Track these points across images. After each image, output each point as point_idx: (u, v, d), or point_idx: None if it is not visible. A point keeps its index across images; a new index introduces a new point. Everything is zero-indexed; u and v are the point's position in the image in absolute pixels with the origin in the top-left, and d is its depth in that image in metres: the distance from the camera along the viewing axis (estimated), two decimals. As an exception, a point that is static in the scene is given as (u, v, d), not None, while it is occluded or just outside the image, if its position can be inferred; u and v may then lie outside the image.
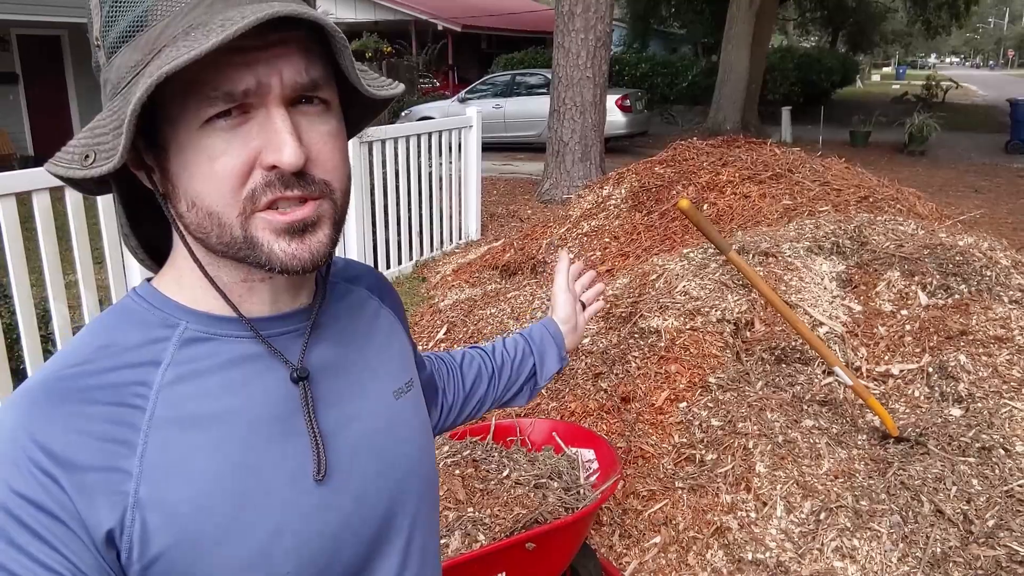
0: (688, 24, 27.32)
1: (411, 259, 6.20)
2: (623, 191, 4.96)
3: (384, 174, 5.76)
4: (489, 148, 7.41)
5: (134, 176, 0.67)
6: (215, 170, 0.60)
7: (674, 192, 4.70)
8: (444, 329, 4.54)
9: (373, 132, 5.67)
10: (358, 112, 0.73)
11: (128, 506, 0.60)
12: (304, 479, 0.68)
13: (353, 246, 5.47)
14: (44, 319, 3.61)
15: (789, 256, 3.58)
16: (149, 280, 0.72)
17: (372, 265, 5.61)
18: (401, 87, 0.69)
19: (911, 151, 13.85)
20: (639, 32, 26.36)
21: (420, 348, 4.41)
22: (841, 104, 23.22)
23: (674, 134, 16.79)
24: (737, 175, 4.55)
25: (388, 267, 5.92)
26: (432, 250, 6.49)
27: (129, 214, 0.72)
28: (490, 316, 4.48)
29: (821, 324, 3.24)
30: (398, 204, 5.95)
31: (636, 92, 14.91)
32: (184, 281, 0.69)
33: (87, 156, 0.59)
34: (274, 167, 0.60)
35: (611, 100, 11.32)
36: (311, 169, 0.63)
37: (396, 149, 5.87)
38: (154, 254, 0.76)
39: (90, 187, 0.66)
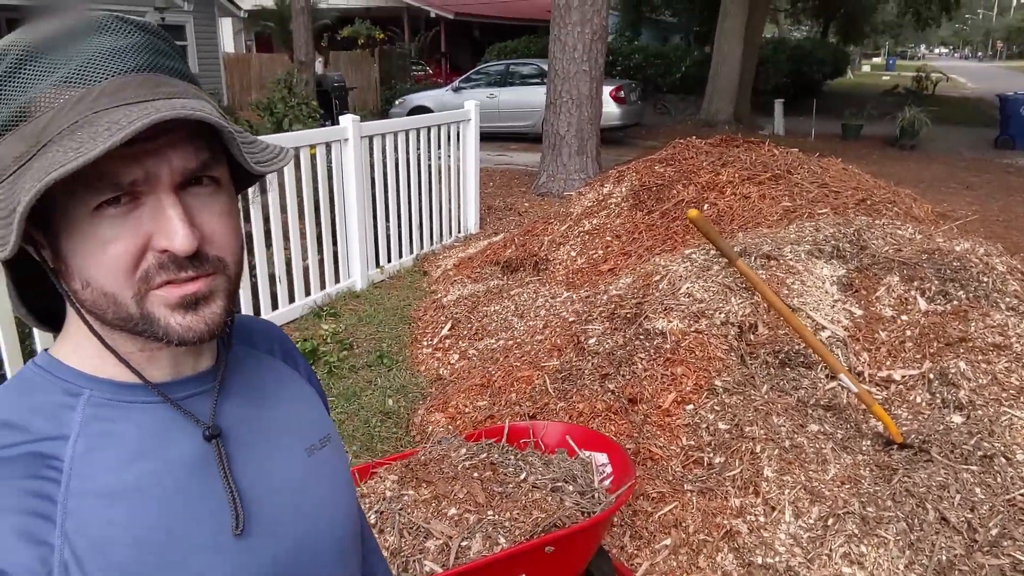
0: (680, 12, 27.31)
1: (411, 253, 6.24)
2: (624, 189, 5.00)
3: (384, 168, 5.78)
4: (484, 137, 7.44)
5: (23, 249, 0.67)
6: (107, 255, 0.62)
7: (675, 191, 4.75)
8: (449, 325, 4.59)
9: (371, 126, 5.68)
10: (247, 174, 0.75)
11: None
12: (223, 537, 0.68)
13: (355, 241, 5.49)
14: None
15: (791, 259, 3.64)
16: (47, 350, 0.72)
17: (374, 259, 5.67)
18: (290, 156, 0.71)
19: (902, 145, 13.96)
20: (631, 20, 26.34)
21: (425, 344, 4.45)
22: (833, 96, 23.33)
23: (667, 125, 16.84)
24: (737, 175, 4.60)
25: (389, 260, 5.95)
26: (432, 244, 6.52)
27: (18, 280, 0.72)
28: (494, 313, 4.53)
29: (823, 328, 3.31)
30: (398, 198, 5.97)
31: (630, 83, 14.93)
32: (82, 350, 0.69)
33: None
34: (166, 251, 0.62)
35: (606, 91, 11.34)
36: (205, 247, 0.64)
37: (396, 143, 5.89)
38: (50, 315, 0.76)
39: None
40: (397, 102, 15.80)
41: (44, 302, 0.75)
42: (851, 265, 3.63)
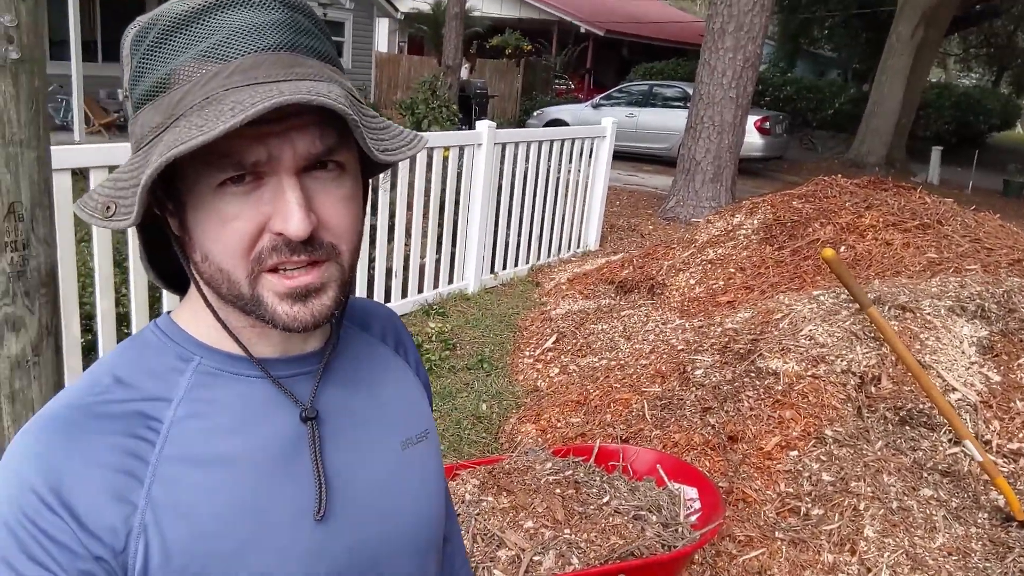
0: (841, 48, 26.23)
1: (527, 262, 6.24)
2: (755, 222, 4.82)
3: (513, 176, 5.81)
4: (617, 156, 7.36)
5: (156, 215, 0.70)
6: (226, 232, 0.63)
7: (810, 229, 4.53)
8: (554, 338, 4.55)
9: (506, 134, 5.74)
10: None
11: (133, 537, 0.62)
12: (303, 520, 0.68)
13: (473, 244, 5.55)
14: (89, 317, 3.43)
15: (928, 314, 3.39)
16: (169, 313, 0.75)
17: (489, 264, 5.71)
18: (422, 144, 0.69)
19: (1072, 208, 12.81)
20: (787, 52, 25.53)
21: (527, 353, 4.44)
22: (997, 149, 21.73)
23: (812, 161, 16.18)
24: (881, 220, 4.34)
25: (504, 267, 5.98)
26: (549, 256, 6.51)
27: (150, 242, 0.75)
28: (601, 332, 4.46)
29: (954, 390, 3.05)
30: (522, 207, 5.99)
31: (777, 115, 14.45)
32: (200, 318, 0.71)
33: (108, 208, 0.62)
34: (281, 234, 0.62)
35: (750, 121, 11.03)
36: (320, 233, 0.64)
37: (528, 152, 5.91)
38: (176, 278, 0.78)
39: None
40: (535, 113, 15.95)
41: (174, 267, 0.77)
42: (995, 327, 3.34)
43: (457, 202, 5.40)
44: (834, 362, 3.23)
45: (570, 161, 6.44)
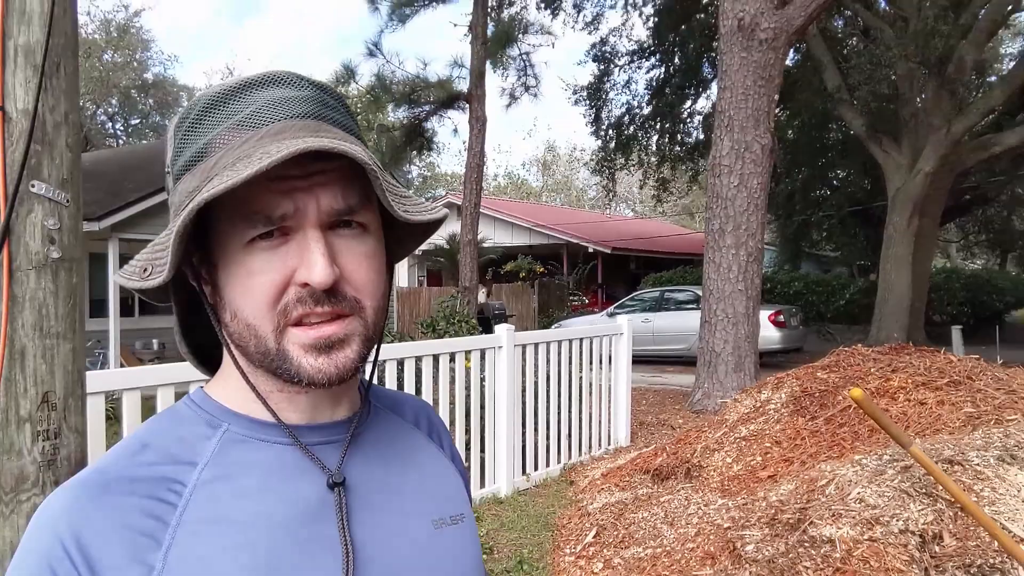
0: (841, 247, 27.18)
1: (559, 462, 6.11)
2: (783, 395, 4.77)
3: (536, 377, 5.86)
4: (638, 361, 7.46)
5: (191, 287, 0.72)
6: (253, 286, 0.65)
7: (839, 398, 4.47)
8: (593, 532, 4.35)
9: (526, 336, 5.86)
10: (407, 234, 0.78)
11: None
12: None
13: (503, 447, 5.48)
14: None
15: (978, 464, 3.25)
16: (203, 386, 0.76)
17: (520, 466, 5.59)
18: (443, 213, 0.72)
19: (1108, 374, 12.55)
20: (790, 254, 26.44)
21: (568, 551, 4.23)
22: (1018, 327, 21.75)
23: (832, 351, 16.17)
24: (910, 381, 4.29)
25: (536, 468, 5.85)
26: (580, 454, 6.38)
27: (185, 321, 0.77)
28: (642, 520, 4.26)
29: (1022, 540, 2.85)
30: (548, 407, 5.98)
31: (790, 308, 14.72)
32: (230, 386, 0.73)
33: (145, 269, 0.66)
34: (306, 284, 0.65)
35: (764, 315, 11.21)
36: (343, 287, 0.66)
37: (548, 353, 6.00)
38: (208, 359, 0.80)
39: (153, 296, 0.71)
40: (554, 326, 16.31)
41: (204, 346, 0.80)
42: (1052, 472, 3.18)
43: (483, 406, 5.40)
44: (889, 523, 3.06)
45: (591, 360, 6.51)
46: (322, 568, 0.67)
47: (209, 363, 0.80)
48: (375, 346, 0.72)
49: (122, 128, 33.67)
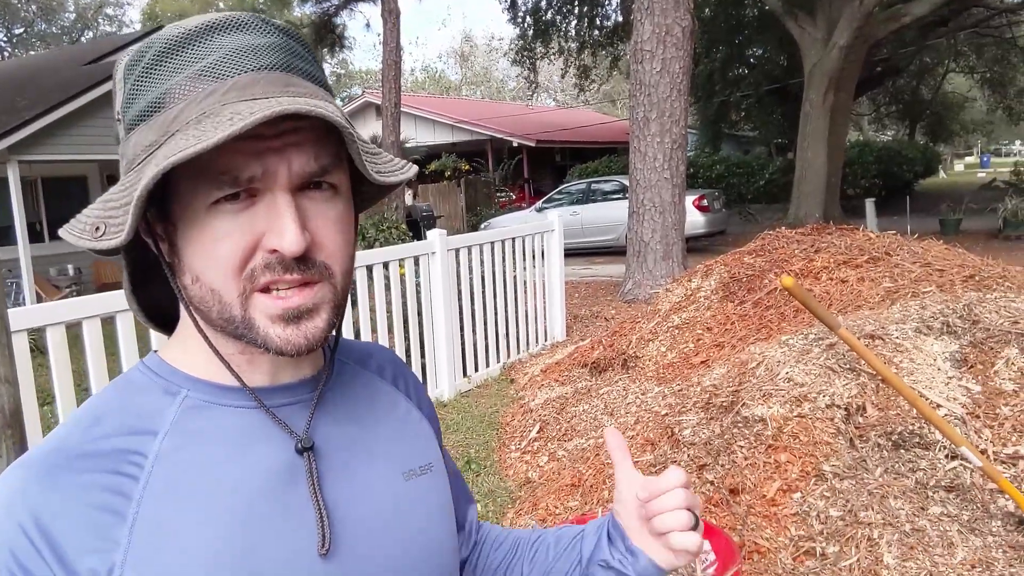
0: (760, 127, 27.59)
1: (498, 361, 6.22)
2: (712, 283, 4.90)
3: (471, 279, 5.87)
4: (568, 254, 7.54)
5: (144, 243, 0.68)
6: (218, 250, 0.62)
7: (766, 281, 4.62)
8: (537, 428, 4.48)
9: (458, 239, 5.83)
10: (372, 189, 0.75)
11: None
12: (300, 555, 0.65)
13: (442, 352, 5.53)
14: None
15: (897, 338, 3.44)
16: (156, 351, 0.73)
17: (461, 369, 5.67)
18: (414, 170, 0.69)
19: (1007, 236, 13.33)
20: (711, 136, 26.74)
21: (513, 448, 4.35)
22: (926, 195, 22.72)
23: (754, 232, 16.67)
24: (832, 260, 4.45)
25: (476, 370, 5.95)
26: (519, 352, 6.50)
27: (136, 276, 0.73)
28: (583, 413, 4.41)
29: (939, 406, 3.06)
30: (484, 308, 6.03)
31: (713, 192, 14.99)
32: (189, 349, 0.70)
33: (98, 228, 0.61)
34: (275, 251, 0.62)
35: (688, 200, 11.38)
36: (313, 253, 0.64)
37: (482, 255, 6.00)
38: (162, 317, 0.76)
39: (103, 252, 0.66)
40: (483, 225, 16.28)
41: (159, 303, 0.76)
42: (964, 340, 3.39)
43: (420, 313, 5.40)
44: (816, 399, 3.23)
45: (524, 258, 6.54)
46: (294, 533, 0.66)
47: (164, 323, 0.76)
48: (343, 310, 0.70)
49: (5, 38, 31.10)
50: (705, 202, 13.87)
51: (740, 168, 21.33)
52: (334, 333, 0.76)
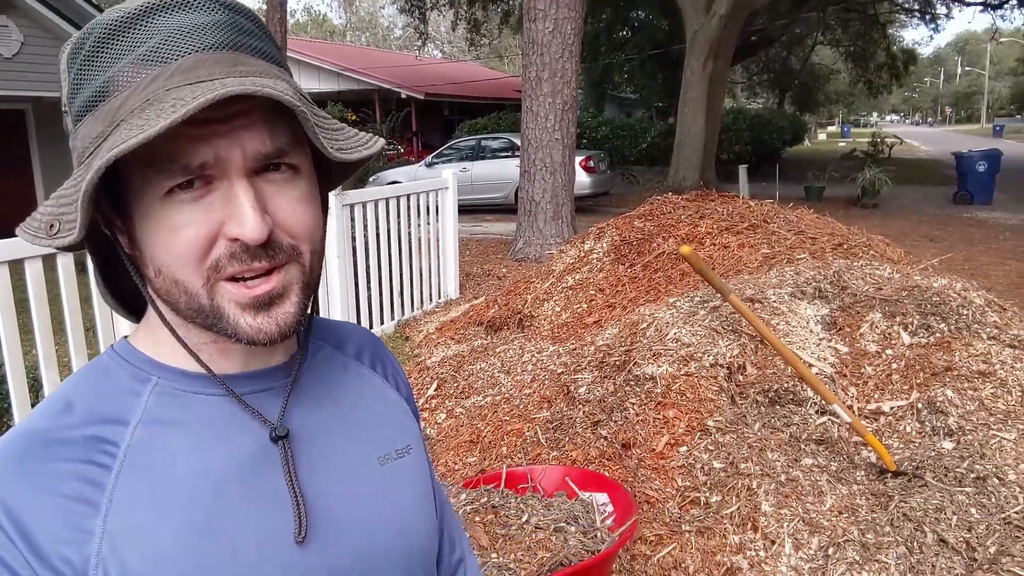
0: (641, 89, 28.25)
1: (393, 319, 6.23)
2: (604, 245, 5.08)
3: (365, 236, 5.82)
4: (458, 210, 7.58)
5: (106, 234, 0.66)
6: (177, 241, 0.60)
7: (654, 245, 4.84)
8: (434, 386, 4.56)
9: (352, 195, 5.76)
10: (338, 167, 0.72)
11: (91, 567, 0.59)
12: (276, 543, 0.65)
13: (337, 306, 5.48)
14: (35, 387, 3.56)
15: (774, 301, 3.71)
16: (126, 337, 0.72)
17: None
18: (379, 144, 0.67)
19: (864, 204, 14.37)
20: (595, 98, 27.17)
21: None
22: (793, 162, 24.06)
23: (636, 193, 17.20)
24: (715, 227, 4.71)
25: (371, 327, 5.94)
26: (413, 310, 6.53)
27: (105, 267, 0.71)
28: (480, 371, 4.51)
29: (811, 366, 3.34)
30: (379, 265, 6.00)
31: (599, 153, 15.31)
32: (158, 338, 0.68)
33: (52, 226, 0.59)
34: (237, 239, 0.60)
35: (576, 161, 11.59)
36: (278, 235, 0.62)
37: (376, 211, 5.95)
38: (132, 302, 0.74)
39: (64, 248, 0.64)
40: (371, 179, 15.99)
41: (130, 288, 0.73)
42: (834, 305, 3.70)
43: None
44: (702, 358, 3.45)
45: (418, 215, 6.53)
46: (269, 520, 0.65)
47: (137, 308, 0.74)
48: (315, 291, 0.69)
49: None
50: (591, 163, 14.17)
51: (624, 131, 21.83)
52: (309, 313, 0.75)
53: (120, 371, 0.68)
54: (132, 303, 0.75)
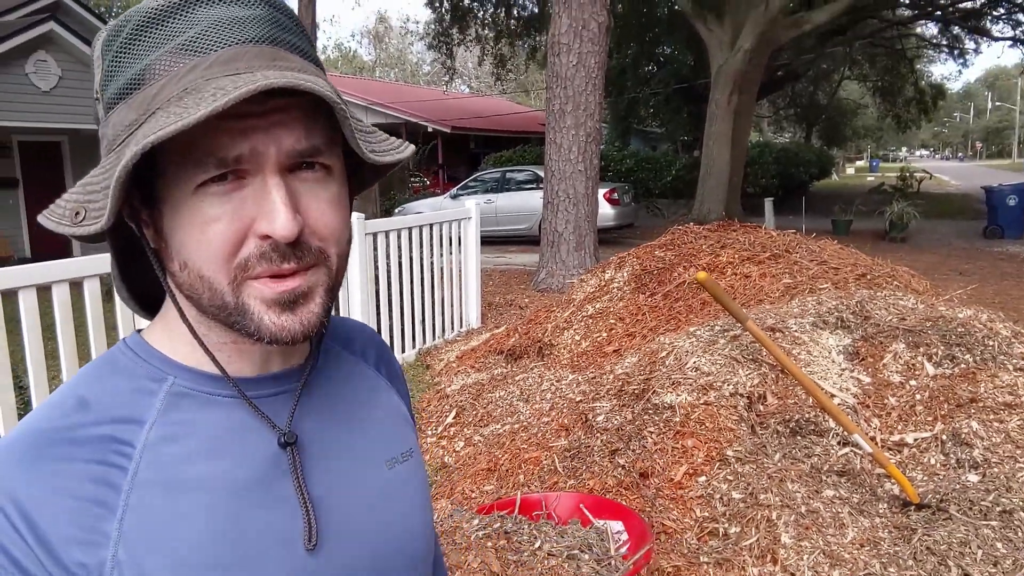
0: (667, 123, 28.34)
1: (414, 347, 6.25)
2: (625, 274, 5.08)
3: (388, 264, 5.87)
4: (482, 241, 7.63)
5: (129, 228, 0.65)
6: (207, 236, 0.59)
7: (675, 274, 4.82)
8: (453, 413, 4.55)
9: (376, 224, 5.81)
10: (369, 171, 0.72)
11: (107, 571, 0.58)
12: (288, 548, 0.65)
13: (358, 335, 5.51)
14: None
15: (796, 331, 3.67)
16: (140, 331, 0.70)
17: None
18: (410, 149, 0.67)
19: (892, 238, 14.22)
20: (620, 131, 27.30)
21: (429, 433, 4.40)
22: (820, 196, 23.92)
23: (660, 226, 17.19)
24: (736, 256, 4.69)
25: (392, 355, 5.95)
26: (435, 338, 6.54)
27: (121, 261, 0.71)
28: (499, 399, 4.50)
29: (833, 396, 3.29)
30: (401, 293, 6.04)
31: (623, 186, 15.35)
32: (175, 335, 0.67)
33: (77, 213, 0.58)
34: (267, 237, 0.59)
35: (600, 193, 11.64)
36: (306, 236, 0.61)
37: (399, 240, 6.00)
38: (148, 300, 0.73)
39: (86, 238, 0.62)
40: (396, 210, 16.14)
41: (146, 287, 0.73)
42: (856, 335, 3.65)
43: (336, 297, 5.36)
44: (722, 387, 3.42)
45: (440, 245, 6.58)
46: (281, 527, 0.65)
47: (153, 303, 0.73)
48: (337, 294, 0.68)
49: None
50: (615, 195, 14.20)
51: (649, 163, 21.90)
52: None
53: (134, 368, 0.66)
54: (145, 300, 0.74)
